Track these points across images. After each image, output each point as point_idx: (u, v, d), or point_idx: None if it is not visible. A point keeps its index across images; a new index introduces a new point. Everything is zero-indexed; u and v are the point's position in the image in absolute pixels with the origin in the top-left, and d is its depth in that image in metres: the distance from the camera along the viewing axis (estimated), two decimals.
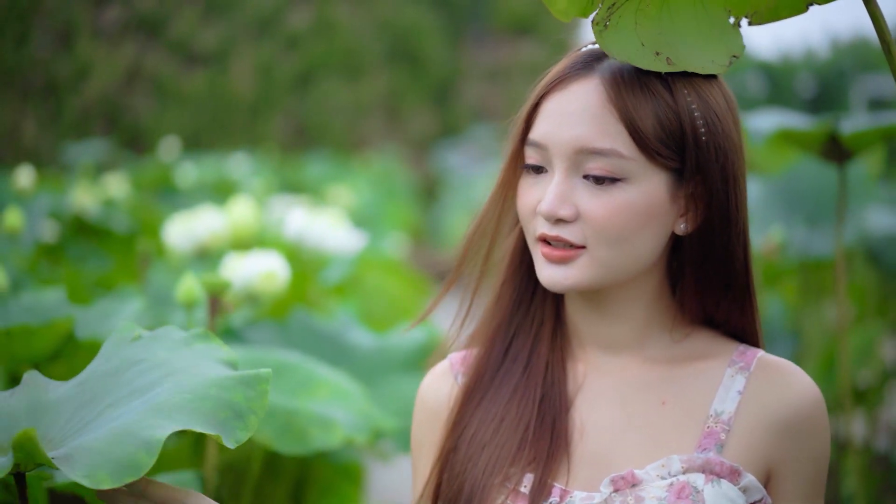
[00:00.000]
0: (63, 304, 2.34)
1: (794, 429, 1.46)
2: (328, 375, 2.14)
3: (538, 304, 1.55)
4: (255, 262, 2.30)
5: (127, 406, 1.27)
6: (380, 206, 7.69)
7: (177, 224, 2.75)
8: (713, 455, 1.43)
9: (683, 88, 1.43)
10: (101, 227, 4.73)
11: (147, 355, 1.35)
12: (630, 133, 1.40)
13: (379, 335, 2.69)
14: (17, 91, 14.87)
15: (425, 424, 1.58)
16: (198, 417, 1.23)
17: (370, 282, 3.85)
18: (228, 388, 1.28)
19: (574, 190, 1.42)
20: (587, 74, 1.44)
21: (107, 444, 1.19)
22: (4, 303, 2.31)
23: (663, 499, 1.40)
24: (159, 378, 1.30)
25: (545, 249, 1.44)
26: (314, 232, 3.02)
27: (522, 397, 1.51)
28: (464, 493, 1.47)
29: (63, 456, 1.17)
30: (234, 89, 15.78)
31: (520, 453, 1.47)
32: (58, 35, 15.18)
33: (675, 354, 1.51)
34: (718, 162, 1.44)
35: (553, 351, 1.54)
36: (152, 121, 15.17)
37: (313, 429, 1.96)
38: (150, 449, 1.19)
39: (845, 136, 2.60)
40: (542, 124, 1.45)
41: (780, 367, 1.49)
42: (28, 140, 14.60)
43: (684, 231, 1.47)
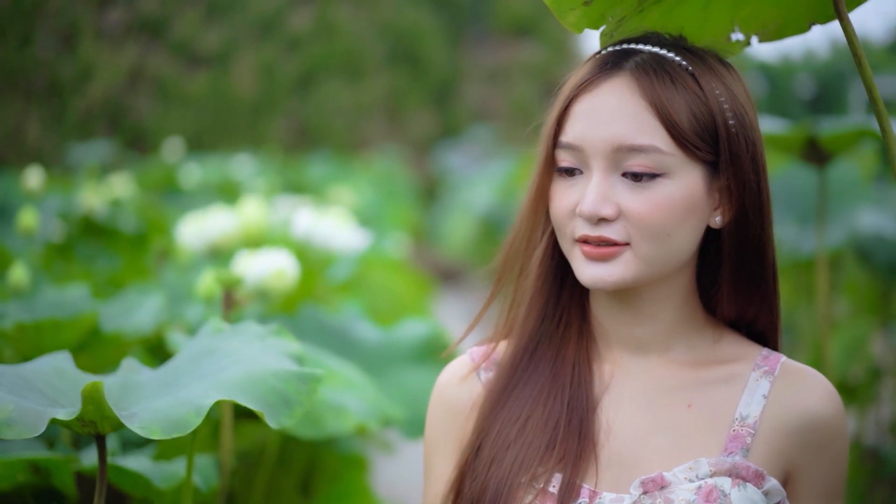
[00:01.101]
0: (86, 300, 2.46)
1: (815, 434, 1.47)
2: (340, 367, 2.26)
3: (565, 305, 1.55)
4: (266, 260, 2.40)
5: (197, 385, 1.41)
6: (381, 207, 7.75)
7: (189, 224, 2.85)
8: (740, 459, 1.44)
9: (711, 81, 1.45)
10: (109, 227, 4.80)
11: (223, 345, 1.51)
12: (667, 128, 1.41)
13: (384, 329, 2.80)
14: (21, 92, 14.89)
15: (444, 421, 1.57)
16: (248, 395, 1.40)
17: (374, 279, 3.95)
18: (284, 378, 1.43)
19: (614, 188, 1.42)
20: (616, 73, 1.44)
21: (166, 406, 1.37)
22: (29, 299, 2.42)
23: (692, 502, 1.41)
24: (229, 364, 1.45)
25: (587, 248, 1.44)
26: (321, 231, 3.14)
27: (549, 397, 1.51)
28: (488, 492, 1.46)
29: (128, 414, 1.32)
30: (236, 90, 15.81)
31: (548, 453, 1.46)
32: (61, 36, 15.21)
33: (701, 357, 1.52)
34: (749, 153, 1.45)
35: (579, 352, 1.54)
36: (155, 122, 15.21)
37: (327, 415, 2.09)
38: (199, 411, 1.35)
39: (823, 138, 2.68)
40: (576, 126, 1.44)
41: (804, 373, 1.50)
42: (31, 141, 14.63)
43: (719, 224, 1.47)
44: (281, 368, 1.46)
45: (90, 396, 1.33)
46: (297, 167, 10.53)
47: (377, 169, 11.43)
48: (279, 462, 2.53)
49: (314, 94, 16.24)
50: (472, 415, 1.54)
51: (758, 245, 1.49)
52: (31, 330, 2.10)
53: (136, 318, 2.39)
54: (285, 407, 1.40)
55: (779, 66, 20.45)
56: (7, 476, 1.83)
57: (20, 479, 1.86)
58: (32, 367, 1.60)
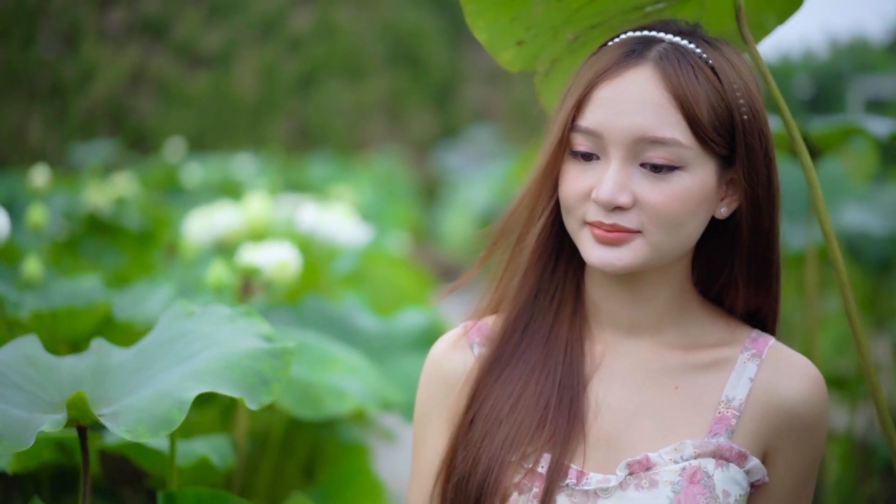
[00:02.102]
0: (99, 290, 2.55)
1: (797, 419, 1.49)
2: (341, 354, 2.35)
3: (559, 283, 1.56)
4: (270, 252, 2.49)
5: (171, 371, 1.47)
6: (382, 206, 7.81)
7: (196, 219, 2.94)
8: (724, 440, 1.46)
9: (729, 74, 1.46)
10: (114, 225, 4.87)
11: (195, 328, 1.56)
12: (688, 122, 1.42)
13: (384, 319, 2.90)
14: (24, 92, 14.91)
15: (437, 393, 1.58)
16: (226, 382, 1.44)
17: (376, 274, 4.05)
18: (257, 358, 1.49)
19: (631, 178, 1.43)
20: (639, 62, 1.44)
21: (147, 404, 1.41)
22: (43, 290, 2.51)
23: (676, 483, 1.43)
24: (201, 348, 1.51)
25: (598, 231, 1.44)
26: (324, 226, 3.23)
27: (541, 375, 1.52)
28: (480, 468, 1.47)
29: (111, 413, 1.39)
30: (237, 91, 15.83)
31: (538, 431, 1.48)
32: (63, 37, 15.24)
33: (691, 341, 1.53)
34: (763, 147, 1.48)
35: (572, 330, 1.54)
36: (157, 122, 15.23)
37: (328, 398, 2.18)
38: (181, 406, 1.40)
39: (812, 136, 2.77)
40: (597, 112, 1.44)
41: (791, 358, 1.52)
42: (34, 141, 14.66)
43: (724, 215, 1.49)
44: (252, 347, 1.51)
45: (75, 405, 1.39)
46: (299, 167, 10.59)
47: (378, 169, 11.47)
48: (283, 448, 2.62)
49: (315, 95, 16.28)
50: (464, 387, 1.55)
51: (769, 236, 1.51)
52: (47, 318, 2.20)
53: (147, 308, 2.48)
54: (263, 386, 1.46)
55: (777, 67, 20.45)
56: (33, 454, 1.91)
57: (45, 458, 1.94)
58: (4, 358, 1.61)
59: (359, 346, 2.68)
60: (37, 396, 1.51)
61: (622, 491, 1.44)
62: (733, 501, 1.45)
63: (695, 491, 1.43)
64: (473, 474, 1.48)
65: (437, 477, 1.54)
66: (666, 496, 1.43)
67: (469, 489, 1.48)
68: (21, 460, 1.92)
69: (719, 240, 1.54)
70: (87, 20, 15.30)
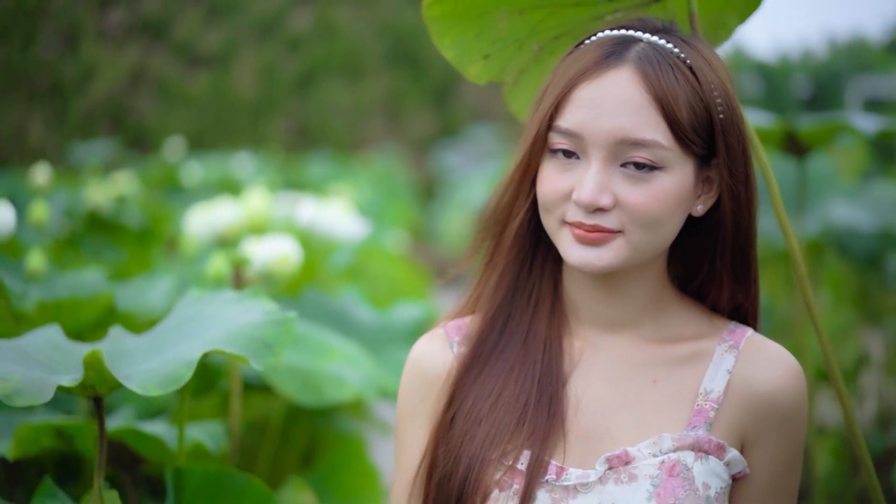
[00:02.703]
0: (101, 282, 2.61)
1: (774, 408, 1.49)
2: (340, 344, 2.42)
3: (536, 281, 1.56)
4: (271, 246, 2.55)
5: (181, 344, 1.55)
6: (381, 205, 7.85)
7: (197, 214, 3.00)
8: (702, 433, 1.47)
9: (707, 74, 1.46)
10: (114, 223, 4.91)
11: (204, 310, 1.65)
12: (668, 124, 1.42)
13: (381, 312, 2.97)
14: (24, 92, 14.95)
15: (417, 392, 1.58)
16: (232, 346, 1.54)
17: (373, 269, 4.11)
18: (260, 326, 1.58)
19: (611, 179, 1.43)
20: (619, 63, 1.44)
21: (158, 366, 1.51)
22: (48, 282, 2.57)
23: (655, 476, 1.44)
24: (211, 325, 1.59)
25: (578, 231, 1.45)
26: (323, 220, 3.30)
27: (520, 373, 1.52)
28: (461, 468, 1.48)
29: (125, 375, 1.46)
30: (236, 91, 15.86)
31: (518, 429, 1.48)
32: (63, 37, 15.28)
33: (669, 335, 1.54)
34: (740, 144, 1.49)
35: (550, 328, 1.55)
36: (156, 121, 15.27)
37: (327, 385, 2.26)
38: (189, 365, 1.49)
39: (801, 132, 2.84)
40: (577, 113, 1.44)
41: (768, 348, 1.53)
42: (34, 140, 14.69)
43: (701, 212, 1.50)
44: (257, 319, 1.60)
45: (91, 363, 1.46)
46: (298, 166, 10.63)
47: (377, 168, 11.51)
48: (282, 437, 2.68)
49: (314, 95, 16.32)
50: (444, 386, 1.56)
51: (748, 231, 1.53)
52: (51, 308, 2.26)
53: (149, 299, 2.55)
54: (266, 349, 1.54)
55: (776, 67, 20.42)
56: (33, 440, 1.97)
57: (45, 444, 2.00)
58: (28, 340, 1.71)
59: (356, 337, 2.74)
60: (55, 370, 1.59)
61: (602, 485, 1.45)
62: (713, 494, 1.45)
63: (674, 484, 1.44)
64: (454, 473, 1.49)
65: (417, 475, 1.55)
66: (645, 490, 1.43)
67: (450, 488, 1.49)
68: (21, 447, 1.97)
69: (696, 236, 1.55)
70: (87, 20, 15.33)
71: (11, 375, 1.48)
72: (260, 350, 1.53)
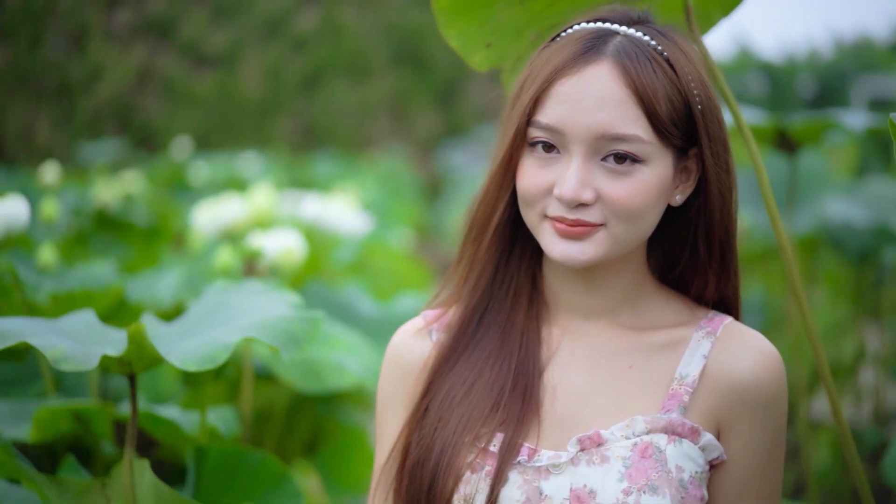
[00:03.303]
0: (112, 275, 2.70)
1: (747, 394, 1.48)
2: (342, 335, 2.51)
3: (514, 273, 1.56)
4: (276, 239, 2.63)
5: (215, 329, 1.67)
6: (386, 204, 7.91)
7: (204, 211, 3.08)
8: (676, 416, 1.46)
9: (684, 65, 1.47)
10: (122, 221, 4.98)
11: (232, 300, 1.77)
12: (648, 118, 1.43)
13: (382, 304, 3.05)
14: (31, 92, 15.04)
15: (396, 380, 1.59)
16: (265, 335, 1.65)
17: (377, 265, 4.20)
18: (291, 321, 1.70)
19: (592, 174, 1.43)
20: (597, 58, 1.44)
21: (196, 346, 1.62)
22: (60, 275, 2.65)
23: (627, 458, 1.44)
24: (240, 314, 1.73)
25: (561, 226, 1.45)
26: (327, 216, 3.38)
27: (496, 362, 1.52)
28: (434, 451, 1.48)
29: (164, 350, 1.55)
30: (242, 90, 15.95)
31: (492, 414, 1.49)
32: (71, 37, 15.36)
33: (646, 323, 1.54)
34: (720, 132, 1.49)
35: (529, 318, 1.55)
36: (163, 121, 15.36)
37: (329, 373, 2.35)
38: (225, 348, 1.60)
39: (792, 129, 2.91)
40: (558, 108, 1.44)
41: (745, 334, 1.52)
42: (42, 140, 14.78)
43: (679, 202, 1.51)
44: (287, 313, 1.71)
45: (134, 337, 1.56)
46: (304, 165, 10.68)
47: (382, 167, 11.56)
48: (287, 426, 2.76)
49: (320, 94, 16.39)
50: (422, 374, 1.56)
51: (730, 219, 1.53)
52: (64, 300, 2.34)
53: (157, 291, 2.63)
54: (294, 343, 1.65)
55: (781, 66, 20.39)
56: (51, 424, 2.05)
57: (62, 428, 2.07)
58: (64, 321, 1.82)
59: (359, 328, 2.83)
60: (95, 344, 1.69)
61: (574, 467, 1.45)
62: (688, 477, 1.45)
63: (646, 465, 1.43)
64: (428, 458, 1.49)
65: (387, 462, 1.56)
66: (617, 471, 1.43)
67: (424, 473, 1.49)
68: (41, 430, 2.05)
69: (675, 226, 1.55)
70: (94, 21, 15.41)
71: (59, 343, 1.58)
72: (288, 342, 1.64)
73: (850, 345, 4.47)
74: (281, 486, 1.88)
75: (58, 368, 1.53)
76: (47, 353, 1.55)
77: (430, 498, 1.48)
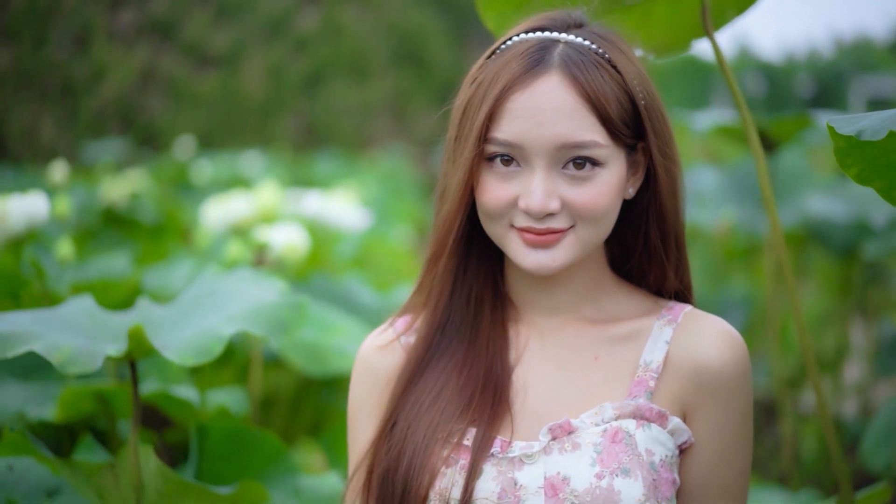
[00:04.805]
0: (128, 266, 2.86)
1: (708, 376, 1.51)
2: (344, 322, 2.68)
3: (473, 283, 1.58)
4: (282, 234, 2.78)
5: (208, 317, 1.79)
6: (386, 202, 8.00)
7: (213, 207, 3.22)
8: (643, 401, 1.49)
9: (625, 64, 1.50)
10: (129, 218, 5.10)
11: (224, 286, 1.90)
12: (602, 122, 1.46)
13: (382, 294, 3.23)
14: (36, 92, 15.12)
15: (367, 386, 1.60)
16: (254, 324, 1.78)
17: (377, 259, 4.36)
18: (279, 307, 1.83)
19: (555, 183, 1.46)
20: (546, 69, 1.47)
21: (191, 338, 1.74)
22: (79, 266, 2.81)
23: (598, 444, 1.46)
24: (231, 300, 1.85)
25: (530, 236, 1.47)
26: (329, 212, 3.54)
27: (464, 368, 1.55)
28: (405, 457, 1.50)
29: (162, 345, 1.68)
30: (245, 90, 16.03)
31: (465, 412, 1.51)
32: (74, 38, 15.44)
33: (609, 316, 1.58)
34: (664, 124, 1.53)
35: (494, 324, 1.58)
36: (166, 121, 15.43)
37: (333, 357, 2.52)
38: (219, 340, 1.72)
39: (769, 128, 3.05)
40: (514, 124, 1.46)
41: (704, 320, 1.55)
42: (46, 139, 14.86)
43: (632, 195, 1.55)
44: (274, 300, 1.85)
45: (134, 336, 1.70)
46: (305, 164, 10.75)
47: (383, 166, 11.60)
48: (292, 410, 2.92)
49: (321, 94, 16.47)
50: (387, 387, 1.59)
51: (679, 208, 1.58)
52: (83, 290, 2.49)
53: (171, 281, 2.79)
54: (282, 328, 1.79)
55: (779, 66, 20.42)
56: (74, 404, 2.20)
57: (85, 408, 2.22)
58: (66, 310, 1.92)
59: (359, 317, 2.99)
60: (97, 339, 1.81)
61: (546, 456, 1.47)
62: (658, 461, 1.48)
63: (617, 450, 1.46)
64: (398, 465, 1.50)
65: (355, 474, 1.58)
66: (589, 456, 1.46)
67: (396, 479, 1.50)
68: (65, 410, 2.20)
69: (626, 219, 1.59)
70: (98, 21, 15.49)
71: (64, 345, 1.68)
72: (277, 328, 1.79)
73: (834, 338, 4.56)
74: (280, 462, 2.02)
75: (64, 372, 1.65)
76: (53, 359, 1.66)
77: (404, 502, 1.49)
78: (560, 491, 1.45)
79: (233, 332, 1.71)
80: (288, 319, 1.78)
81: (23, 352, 1.68)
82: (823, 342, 4.62)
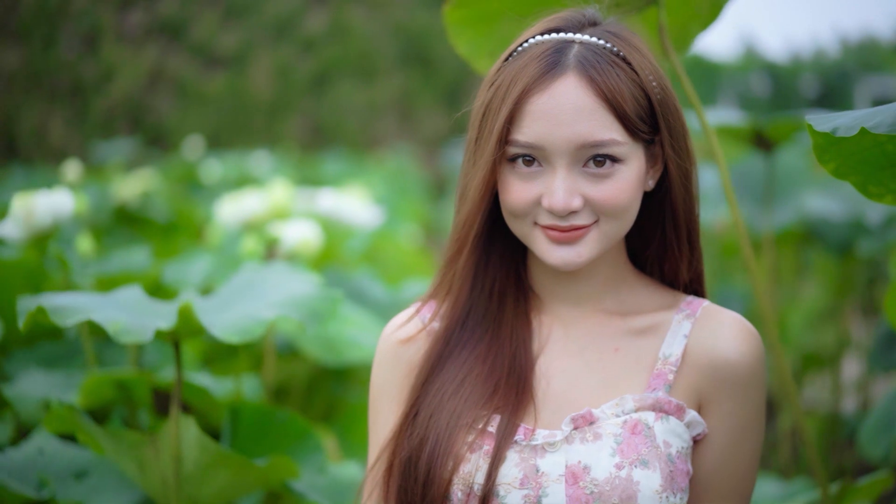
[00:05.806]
0: (148, 260, 2.97)
1: (725, 370, 1.55)
2: (356, 315, 2.81)
3: (495, 276, 1.62)
4: (295, 230, 2.88)
5: (250, 304, 1.96)
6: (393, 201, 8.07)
7: (226, 205, 3.32)
8: (662, 394, 1.53)
9: (640, 61, 1.53)
10: (141, 216, 5.22)
11: (262, 278, 2.06)
12: (620, 120, 1.49)
13: (391, 288, 3.35)
14: (45, 92, 15.23)
15: (389, 369, 1.63)
16: (292, 312, 1.93)
17: (387, 255, 4.47)
18: (315, 298, 1.99)
19: (577, 182, 1.50)
20: (563, 71, 1.50)
21: (235, 319, 1.90)
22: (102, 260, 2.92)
23: (619, 434, 1.50)
24: (270, 290, 2.01)
25: (555, 233, 1.51)
26: (341, 209, 3.66)
27: (487, 358, 1.58)
28: (428, 444, 1.52)
29: (208, 323, 1.83)
30: (252, 90, 16.10)
31: (489, 399, 1.54)
32: (84, 38, 15.54)
33: (629, 308, 1.61)
34: (677, 119, 1.56)
35: (517, 315, 1.61)
36: (174, 121, 15.52)
37: (346, 347, 2.65)
38: (260, 323, 1.88)
39: (767, 129, 3.15)
40: (535, 126, 1.49)
41: (722, 315, 1.59)
42: (56, 139, 14.97)
43: (651, 186, 1.58)
44: (311, 291, 2.01)
45: (183, 313, 1.83)
46: (313, 164, 10.80)
47: (389, 166, 11.64)
48: (305, 400, 3.03)
49: (328, 94, 16.53)
50: (409, 375, 1.62)
51: (693, 200, 1.61)
52: (106, 282, 2.61)
53: (189, 274, 2.91)
54: (317, 318, 1.94)
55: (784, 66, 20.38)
56: (97, 392, 2.31)
57: (107, 396, 2.33)
58: (118, 296, 2.07)
59: (370, 309, 3.11)
60: (147, 317, 1.95)
61: (568, 445, 1.51)
62: (675, 453, 1.51)
63: (636, 441, 1.50)
64: (421, 452, 1.53)
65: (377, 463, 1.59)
66: (609, 447, 1.49)
67: (418, 466, 1.52)
68: (88, 397, 2.31)
69: (645, 210, 1.62)
70: (107, 22, 15.58)
71: (119, 318, 1.83)
72: (312, 317, 1.93)
73: (834, 335, 4.63)
74: (305, 441, 2.17)
75: (117, 340, 1.77)
76: (109, 328, 1.79)
77: (427, 488, 1.52)
78: (580, 479, 1.48)
79: (273, 316, 1.86)
80: (322, 310, 1.93)
81: (81, 321, 1.81)
82: (823, 339, 4.69)
